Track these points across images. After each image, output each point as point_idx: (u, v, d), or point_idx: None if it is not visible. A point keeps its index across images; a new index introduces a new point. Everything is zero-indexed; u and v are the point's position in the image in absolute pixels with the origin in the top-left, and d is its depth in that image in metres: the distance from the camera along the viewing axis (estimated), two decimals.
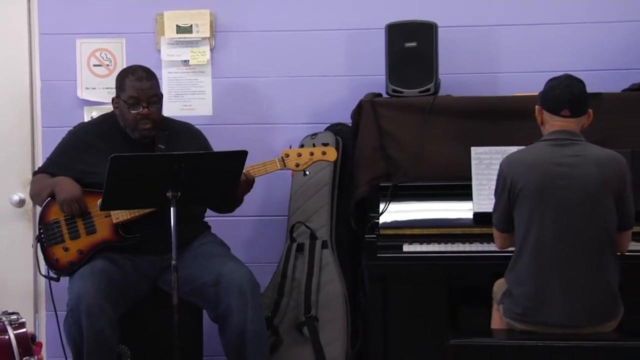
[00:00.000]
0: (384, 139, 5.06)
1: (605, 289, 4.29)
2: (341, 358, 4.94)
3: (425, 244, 4.84)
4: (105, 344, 4.51)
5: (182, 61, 5.49)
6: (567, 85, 4.37)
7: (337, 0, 5.46)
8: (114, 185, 4.36)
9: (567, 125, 4.35)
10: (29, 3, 5.51)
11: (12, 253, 5.50)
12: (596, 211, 4.26)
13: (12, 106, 5.52)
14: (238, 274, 4.64)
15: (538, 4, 5.41)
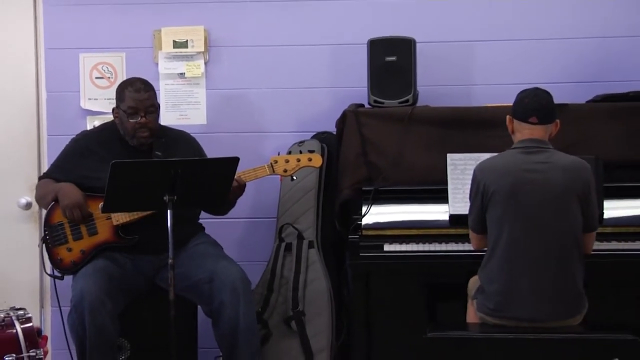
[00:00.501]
0: (366, 146, 5.06)
1: (571, 286, 4.31)
2: (326, 350, 4.94)
3: (405, 243, 4.84)
4: (106, 338, 4.50)
5: (178, 74, 5.49)
6: (535, 95, 4.40)
7: (322, 17, 5.46)
8: (115, 189, 4.36)
9: (536, 133, 4.37)
10: (36, 20, 5.50)
11: (19, 253, 5.49)
12: (563, 214, 4.28)
13: (19, 115, 5.51)
14: (230, 271, 4.64)
15: (510, 21, 5.41)
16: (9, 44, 5.50)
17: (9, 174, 5.50)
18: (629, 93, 5.06)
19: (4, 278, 5.46)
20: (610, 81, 5.26)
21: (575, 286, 4.32)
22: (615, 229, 4.78)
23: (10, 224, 5.50)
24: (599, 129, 4.96)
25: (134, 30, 5.49)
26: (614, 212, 4.81)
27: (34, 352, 3.70)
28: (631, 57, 5.36)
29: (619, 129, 4.96)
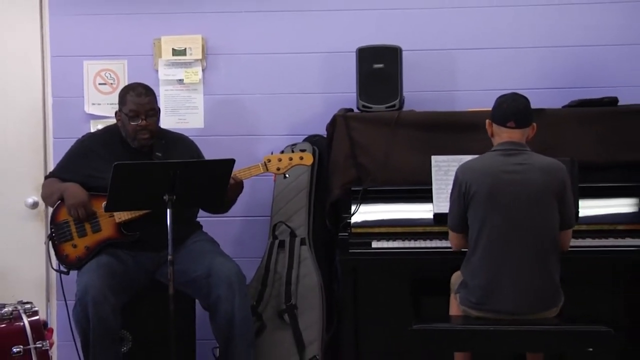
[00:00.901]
0: (355, 149, 5.05)
1: (548, 280, 4.32)
2: (317, 341, 4.94)
3: (392, 241, 4.83)
4: (109, 330, 4.51)
5: (177, 80, 5.49)
6: (513, 100, 4.41)
7: (314, 27, 5.46)
8: (117, 189, 4.36)
9: (514, 137, 4.38)
10: (42, 29, 5.49)
11: (27, 249, 5.48)
12: (540, 212, 4.30)
13: (26, 119, 5.51)
14: (227, 267, 4.65)
15: (490, 31, 5.41)
16: (16, 51, 5.49)
17: (16, 175, 5.50)
18: (602, 99, 5.07)
19: (12, 273, 5.46)
20: (584, 87, 5.26)
21: (552, 281, 4.34)
22: (589, 227, 4.79)
23: (18, 222, 5.50)
24: (574, 133, 4.97)
25: (135, 39, 5.49)
26: (589, 210, 4.82)
27: (40, 343, 3.70)
28: (604, 64, 5.37)
29: (593, 132, 4.97)
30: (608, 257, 4.76)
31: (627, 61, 5.36)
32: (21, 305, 3.82)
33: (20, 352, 3.66)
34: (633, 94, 5.17)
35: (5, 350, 3.65)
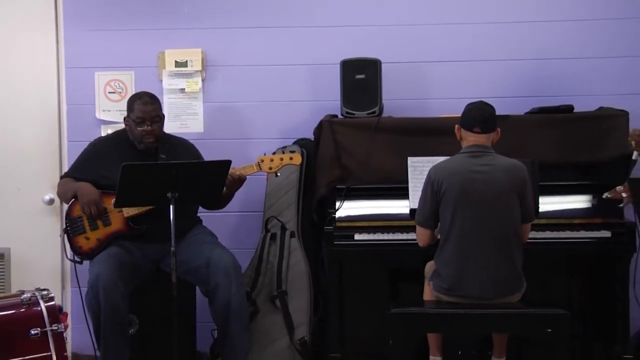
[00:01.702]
0: (339, 151, 5.05)
1: (512, 269, 4.34)
2: (305, 324, 4.94)
3: (372, 233, 4.84)
4: (118, 314, 4.51)
5: (179, 89, 5.49)
6: (479, 108, 4.43)
7: (302, 42, 5.45)
8: (125, 187, 4.36)
9: (480, 140, 4.40)
10: (57, 43, 5.48)
11: (44, 242, 5.47)
12: (504, 208, 4.32)
13: (43, 125, 5.50)
14: (224, 257, 4.66)
15: (461, 45, 5.42)
16: (34, 63, 5.49)
17: (34, 175, 5.49)
18: (560, 106, 5.08)
19: (30, 263, 5.45)
20: (544, 96, 5.26)
21: (516, 269, 4.36)
22: (549, 221, 4.80)
23: (35, 217, 5.49)
24: (535, 136, 4.98)
25: (141, 52, 5.48)
26: (548, 206, 4.83)
27: (56, 326, 3.69)
28: (562, 76, 5.37)
29: (552, 136, 4.98)
30: (565, 248, 4.78)
31: (581, 73, 5.37)
32: (38, 292, 3.81)
33: (38, 334, 3.66)
34: (587, 102, 5.16)
35: (24, 332, 3.65)
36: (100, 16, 5.48)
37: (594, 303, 4.99)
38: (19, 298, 3.77)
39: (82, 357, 5.29)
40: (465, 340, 4.94)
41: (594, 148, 4.95)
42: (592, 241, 4.75)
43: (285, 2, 5.48)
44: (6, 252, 5.46)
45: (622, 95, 5.17)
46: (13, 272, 5.45)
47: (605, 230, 4.75)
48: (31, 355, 3.62)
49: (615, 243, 4.73)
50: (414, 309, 4.43)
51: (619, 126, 4.92)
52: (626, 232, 4.73)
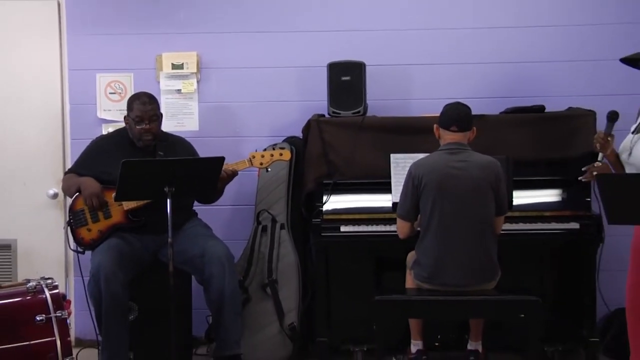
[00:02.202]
0: (326, 148, 5.05)
1: (487, 258, 4.36)
2: (294, 310, 4.95)
3: (357, 225, 4.85)
4: (118, 301, 4.52)
5: (176, 90, 5.49)
6: (456, 108, 4.45)
7: (291, 45, 5.45)
8: (125, 182, 4.36)
9: (456, 138, 4.41)
10: (61, 47, 5.47)
11: (48, 233, 5.47)
12: (480, 201, 4.33)
13: (48, 123, 5.49)
14: (218, 248, 4.67)
15: (440, 50, 5.42)
16: (39, 66, 5.48)
17: (39, 170, 5.49)
18: (532, 106, 5.10)
19: (36, 253, 5.45)
20: (518, 97, 5.27)
21: (491, 258, 4.38)
22: (522, 214, 4.82)
23: (40, 211, 5.49)
24: (509, 135, 4.99)
25: (140, 55, 5.48)
26: (521, 200, 4.85)
27: (60, 313, 3.69)
28: (534, 78, 5.39)
29: (525, 134, 4.99)
30: (537, 239, 4.80)
31: (552, 76, 5.38)
32: (43, 280, 3.81)
33: (43, 320, 3.66)
34: (557, 102, 5.18)
35: (30, 319, 3.65)
36: (101, 21, 5.48)
37: (563, 290, 5.01)
38: (25, 286, 3.77)
39: (84, 341, 5.29)
40: (444, 326, 4.97)
41: (564, 145, 4.96)
42: (562, 232, 4.77)
43: (275, 8, 5.48)
44: (13, 243, 5.45)
45: (589, 96, 5.18)
46: (19, 262, 5.45)
47: (574, 222, 4.78)
48: (37, 340, 3.62)
49: (583, 234, 4.76)
50: (396, 296, 4.45)
51: (586, 125, 4.93)
52: (593, 224, 4.76)
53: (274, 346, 4.89)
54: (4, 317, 3.65)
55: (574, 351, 4.93)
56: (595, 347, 4.82)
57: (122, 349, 4.58)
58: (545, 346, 4.85)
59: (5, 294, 3.76)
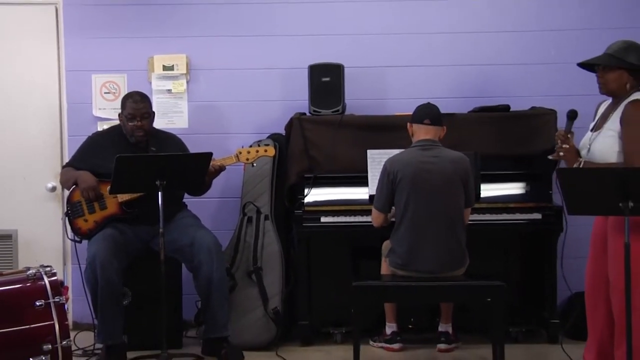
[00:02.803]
0: (307, 144, 5.05)
1: (457, 246, 4.39)
2: (278, 295, 4.94)
3: (336, 216, 4.86)
4: (113, 288, 4.52)
5: (167, 90, 5.46)
6: (427, 106, 4.50)
7: (275, 48, 5.44)
8: (119, 176, 4.36)
9: (429, 134, 4.43)
10: (59, 49, 5.43)
11: (47, 224, 5.44)
12: (450, 194, 4.36)
13: (47, 121, 5.46)
14: (206, 238, 4.67)
15: (413, 53, 5.43)
16: (39, 67, 5.45)
17: (39, 165, 5.45)
18: (498, 106, 5.12)
19: (35, 243, 5.42)
20: (484, 97, 5.28)
21: (460, 246, 4.40)
22: (489, 205, 4.84)
23: (40, 203, 5.46)
24: (477, 132, 5.00)
25: (133, 57, 5.44)
26: (488, 192, 4.87)
27: (58, 298, 3.67)
28: (500, 80, 5.40)
29: (492, 132, 5.01)
30: (503, 229, 4.83)
31: (516, 77, 5.40)
32: (42, 268, 3.80)
33: (42, 305, 3.64)
34: (521, 102, 5.20)
35: (30, 304, 3.64)
36: (96, 25, 5.44)
37: (526, 276, 5.05)
38: (25, 274, 3.75)
39: (81, 325, 5.27)
40: (416, 309, 4.99)
41: (527, 142, 4.98)
42: (525, 222, 4.80)
43: (260, 14, 5.47)
44: (14, 233, 5.42)
45: (551, 97, 5.19)
46: (20, 251, 5.42)
47: (536, 213, 4.81)
48: (36, 324, 3.61)
49: (545, 224, 4.80)
50: (372, 282, 4.45)
51: (548, 123, 4.96)
52: (554, 215, 4.79)
53: (259, 329, 4.88)
54: (6, 303, 3.64)
55: (536, 332, 4.96)
56: (555, 328, 4.86)
57: (117, 331, 4.57)
58: (510, 327, 4.87)
59: (6, 281, 3.75)
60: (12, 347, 3.55)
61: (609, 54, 3.96)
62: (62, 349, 3.62)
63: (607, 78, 3.95)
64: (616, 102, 3.97)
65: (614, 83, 3.93)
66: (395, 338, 4.75)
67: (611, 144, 3.89)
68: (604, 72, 3.96)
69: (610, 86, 3.95)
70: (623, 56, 3.91)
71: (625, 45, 3.95)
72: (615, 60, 3.92)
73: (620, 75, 3.92)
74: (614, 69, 3.93)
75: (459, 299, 4.57)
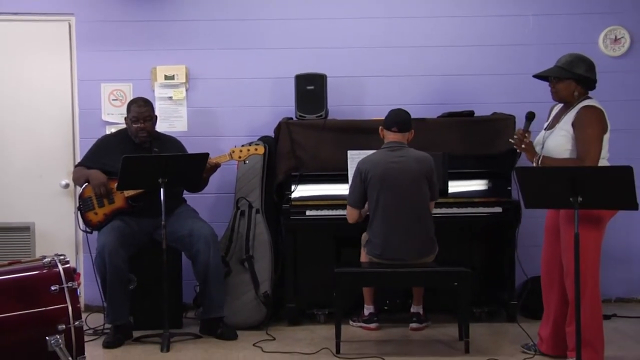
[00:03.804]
0: (294, 145, 5.05)
1: (425, 235, 4.42)
2: (268, 280, 4.94)
3: (320, 210, 4.87)
4: (120, 274, 4.53)
5: (168, 97, 5.45)
6: (397, 114, 4.50)
7: (264, 60, 5.43)
8: (126, 174, 4.37)
9: (397, 138, 4.46)
10: (71, 61, 5.41)
11: (61, 217, 5.43)
12: (417, 189, 4.38)
13: (61, 125, 5.44)
14: (204, 229, 4.68)
15: (388, 64, 5.43)
16: (53, 77, 5.43)
17: (53, 165, 5.43)
18: (464, 111, 5.13)
19: (51, 234, 5.41)
20: (452, 103, 5.28)
21: (428, 235, 4.42)
22: (455, 200, 4.86)
23: (54, 198, 5.44)
24: (446, 134, 5.01)
25: (137, 68, 5.43)
26: (455, 188, 4.89)
27: (71, 284, 3.66)
28: (466, 88, 5.40)
29: (458, 134, 5.02)
30: (468, 221, 4.85)
31: (479, 86, 5.41)
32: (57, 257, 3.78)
33: (57, 289, 3.63)
34: (484, 108, 5.21)
35: (46, 288, 3.63)
36: (105, 39, 5.43)
37: (488, 262, 5.07)
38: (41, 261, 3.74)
39: (92, 307, 5.27)
40: (391, 293, 5.00)
41: (489, 144, 5.00)
42: (487, 215, 4.83)
43: (251, 29, 5.47)
44: (31, 225, 5.41)
45: (510, 104, 5.19)
46: (37, 241, 5.41)
47: (497, 206, 4.84)
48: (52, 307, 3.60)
49: (505, 217, 4.82)
50: (352, 269, 4.48)
51: (508, 127, 4.98)
52: (513, 208, 4.81)
53: (251, 311, 4.89)
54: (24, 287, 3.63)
55: (497, 312, 4.99)
56: (514, 309, 4.89)
57: (124, 313, 4.58)
58: (474, 308, 4.89)
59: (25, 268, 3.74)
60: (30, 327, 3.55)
61: (559, 66, 4.02)
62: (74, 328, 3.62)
63: (558, 87, 4.01)
64: (567, 106, 4.04)
65: (565, 91, 4.00)
66: (373, 319, 4.77)
67: (563, 142, 3.96)
68: (555, 83, 4.02)
69: (561, 94, 4.02)
70: (572, 68, 3.98)
71: (573, 58, 4.01)
72: (565, 72, 3.98)
73: (570, 85, 3.99)
74: (565, 79, 3.99)
75: (429, 283, 4.60)
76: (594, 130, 3.88)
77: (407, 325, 4.75)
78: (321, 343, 4.46)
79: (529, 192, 3.75)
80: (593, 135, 3.87)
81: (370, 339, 4.59)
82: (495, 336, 4.62)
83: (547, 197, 3.74)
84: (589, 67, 3.98)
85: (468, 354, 4.22)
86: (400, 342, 4.55)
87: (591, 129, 3.88)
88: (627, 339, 4.53)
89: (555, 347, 4.12)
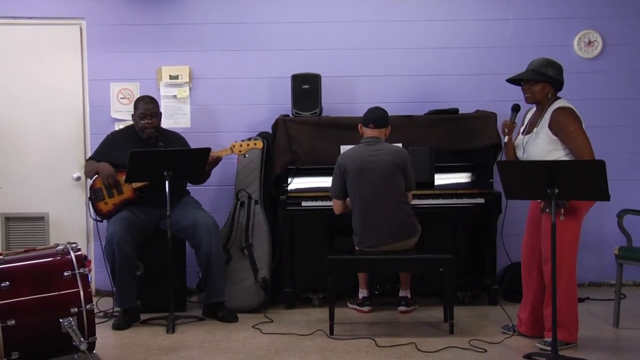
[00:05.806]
0: (290, 141, 5.04)
1: (402, 220, 4.40)
2: (266, 267, 4.93)
3: (315, 201, 4.87)
4: (128, 261, 4.53)
5: (173, 96, 5.44)
6: (373, 111, 4.50)
7: (263, 61, 5.42)
8: (133, 167, 4.37)
9: (374, 133, 4.45)
10: (82, 61, 5.40)
11: (73, 207, 5.42)
12: (392, 180, 4.37)
13: (73, 122, 5.42)
14: (206, 219, 4.68)
15: (379, 64, 5.42)
16: (66, 76, 5.41)
17: (66, 158, 5.42)
18: (449, 109, 5.12)
19: (64, 224, 5.40)
20: (438, 101, 5.28)
21: (406, 219, 4.39)
22: (441, 191, 4.87)
23: (67, 190, 5.43)
24: (431, 130, 5.01)
25: (144, 68, 5.41)
26: (441, 181, 4.89)
27: (82, 270, 3.68)
28: (451, 87, 5.40)
29: (443, 130, 5.01)
30: (453, 211, 4.84)
31: (463, 86, 5.41)
32: (69, 244, 3.80)
33: (69, 275, 3.65)
34: (467, 106, 5.22)
35: (59, 274, 3.65)
36: (114, 42, 5.41)
37: (472, 250, 5.07)
38: (55, 249, 3.76)
39: (102, 291, 5.26)
40: (382, 278, 5.00)
41: (473, 139, 5.00)
42: (471, 206, 4.83)
43: (251, 32, 5.45)
44: (46, 215, 5.40)
45: (492, 102, 5.19)
46: (51, 230, 5.40)
47: (480, 198, 4.84)
48: (65, 291, 3.63)
49: (487, 207, 4.83)
50: (344, 256, 4.48)
51: (490, 124, 4.99)
52: (494, 200, 4.82)
53: (250, 295, 4.88)
54: (39, 273, 3.65)
55: (479, 296, 5.00)
56: (495, 293, 4.90)
57: (132, 297, 4.58)
58: (458, 292, 4.90)
59: (40, 255, 3.75)
60: (45, 310, 3.57)
61: (532, 69, 4.03)
62: (86, 311, 3.64)
63: (533, 90, 4.03)
64: (541, 108, 4.05)
65: (539, 94, 4.02)
66: (365, 302, 4.78)
67: (544, 144, 3.97)
68: (530, 85, 4.04)
69: (537, 96, 4.03)
70: (544, 71, 4.00)
71: (545, 62, 4.03)
72: (538, 75, 3.99)
73: (544, 87, 4.01)
74: (538, 82, 3.99)
75: (416, 269, 4.61)
76: (574, 125, 3.90)
77: (396, 309, 4.76)
78: (316, 325, 4.47)
79: (509, 184, 3.76)
80: (576, 130, 3.89)
81: (361, 321, 4.60)
82: (477, 318, 4.63)
83: (527, 189, 3.76)
84: (559, 70, 4.02)
85: (452, 334, 4.23)
86: (389, 324, 4.56)
87: (571, 126, 3.90)
88: (598, 321, 4.55)
89: (533, 328, 4.14)
